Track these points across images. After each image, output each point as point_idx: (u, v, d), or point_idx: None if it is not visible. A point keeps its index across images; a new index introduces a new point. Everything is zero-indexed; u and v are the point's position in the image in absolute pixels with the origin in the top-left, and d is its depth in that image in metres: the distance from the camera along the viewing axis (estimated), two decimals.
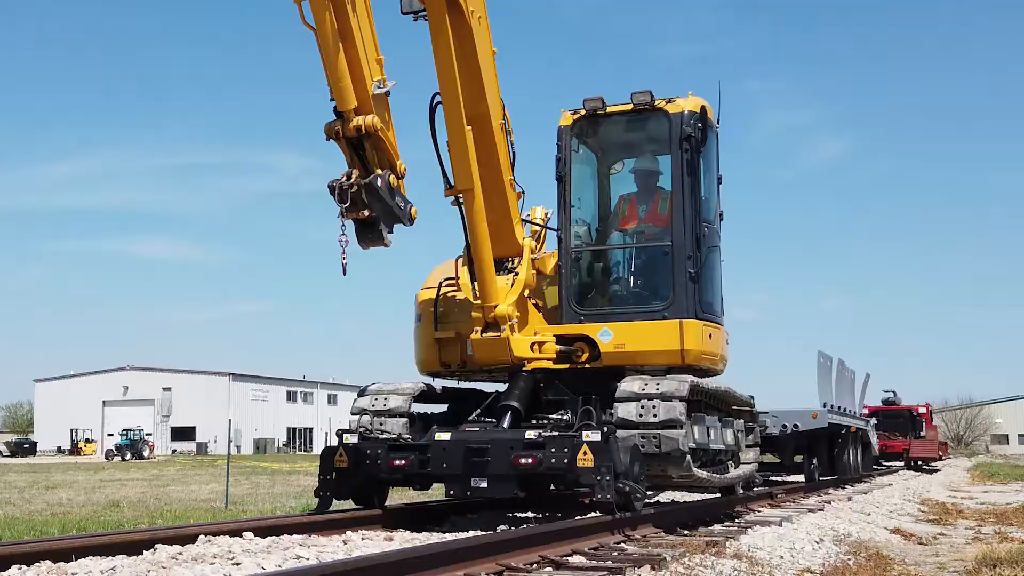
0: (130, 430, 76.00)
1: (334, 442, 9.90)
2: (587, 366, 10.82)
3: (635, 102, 11.06)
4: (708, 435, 10.78)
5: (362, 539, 8.26)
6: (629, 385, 10.03)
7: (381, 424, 10.56)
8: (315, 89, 10.32)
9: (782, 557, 8.45)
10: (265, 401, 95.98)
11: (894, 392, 39.86)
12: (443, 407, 11.62)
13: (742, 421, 12.33)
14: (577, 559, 7.28)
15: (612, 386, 10.17)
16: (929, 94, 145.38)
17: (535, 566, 6.87)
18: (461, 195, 9.95)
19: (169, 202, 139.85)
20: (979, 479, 30.71)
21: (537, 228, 12.04)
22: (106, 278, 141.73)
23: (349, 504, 10.03)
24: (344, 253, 8.36)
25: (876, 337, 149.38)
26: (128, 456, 67.49)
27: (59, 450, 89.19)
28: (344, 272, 8.33)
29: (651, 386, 9.92)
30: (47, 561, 6.29)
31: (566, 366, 10.85)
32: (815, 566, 8.18)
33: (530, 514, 11.31)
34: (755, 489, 13.90)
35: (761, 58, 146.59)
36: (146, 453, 70.37)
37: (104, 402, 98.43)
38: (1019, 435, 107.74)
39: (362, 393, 10.93)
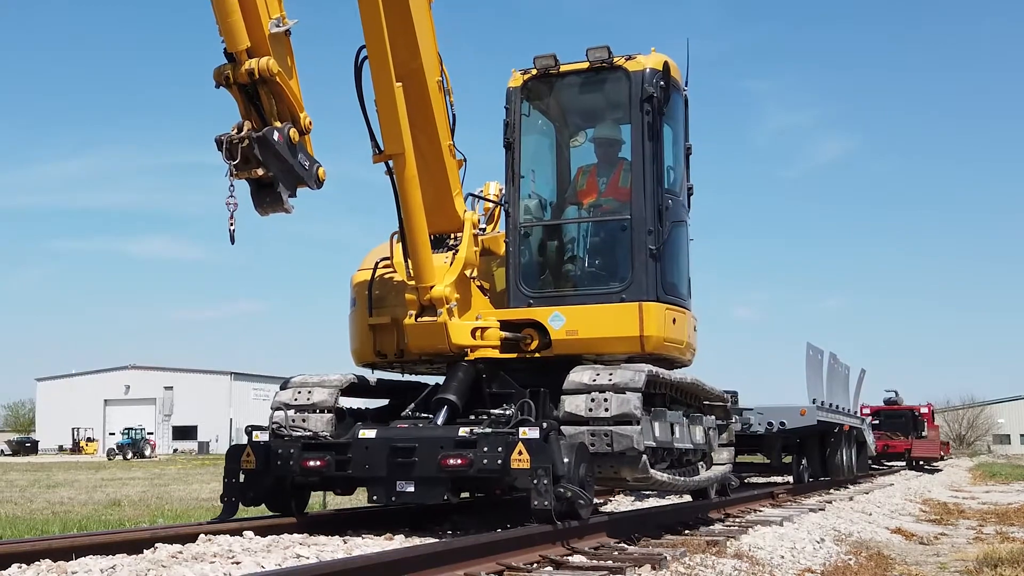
0: (131, 429, 75.87)
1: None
2: (537, 355, 9.63)
3: (591, 59, 9.87)
4: (672, 432, 9.60)
5: (362, 539, 7.95)
6: (578, 375, 8.86)
7: (304, 421, 9.37)
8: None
9: (783, 557, 8.37)
10: (266, 400, 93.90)
11: (896, 392, 39.52)
12: (383, 402, 10.41)
13: (713, 418, 11.12)
14: (577, 558, 7.25)
15: (564, 378, 8.99)
16: (933, 93, 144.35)
17: (535, 566, 6.84)
18: (391, 161, 8.79)
19: (170, 202, 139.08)
20: (981, 479, 30.57)
21: (490, 204, 10.90)
22: (108, 277, 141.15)
23: (347, 503, 8.85)
24: (232, 218, 7.16)
25: (878, 337, 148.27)
26: (129, 455, 67.67)
27: (61, 449, 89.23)
28: (232, 240, 7.13)
29: (603, 376, 8.74)
30: (47, 560, 6.31)
31: (513, 355, 9.68)
32: (816, 566, 8.08)
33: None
34: (732, 493, 12.67)
35: (763, 57, 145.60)
36: (147, 452, 70.65)
37: (106, 401, 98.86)
38: (1021, 435, 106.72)
39: (284, 386, 9.73)
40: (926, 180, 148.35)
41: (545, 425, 7.83)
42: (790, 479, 19.07)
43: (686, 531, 9.48)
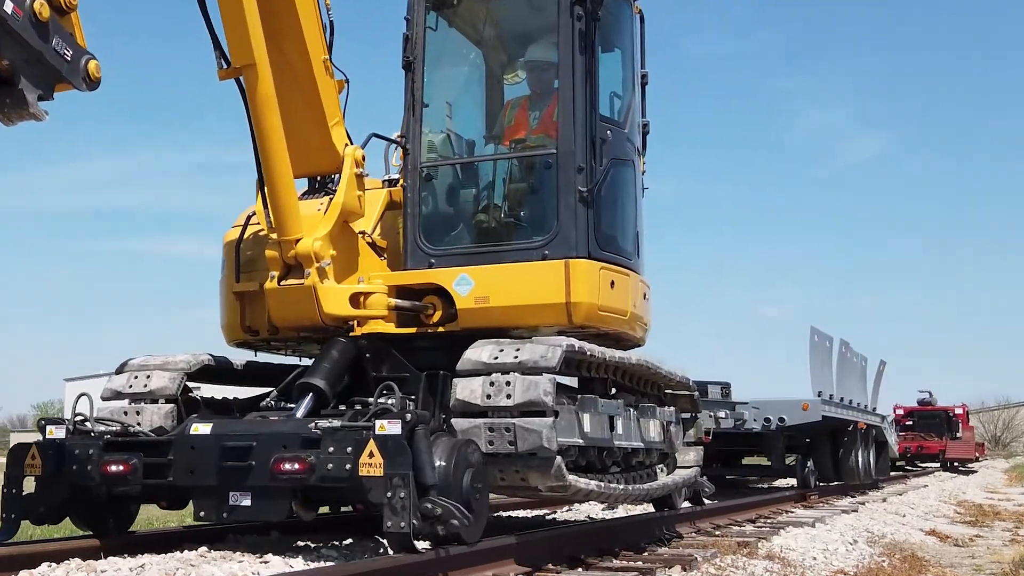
0: None
1: None
2: (441, 329, 7.57)
3: None
4: (611, 427, 7.51)
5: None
6: (476, 352, 6.79)
7: (138, 413, 7.34)
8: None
9: (815, 558, 8.26)
10: None
11: (930, 392, 38.90)
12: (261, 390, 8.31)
13: (673, 410, 8.96)
14: (607, 559, 7.09)
15: None
16: (969, 90, 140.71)
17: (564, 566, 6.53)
18: (241, 76, 6.78)
19: (198, 201, 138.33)
20: (1016, 480, 29.94)
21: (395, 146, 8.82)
22: (135, 277, 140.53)
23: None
24: None
25: (912, 337, 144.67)
26: None
27: None
28: None
29: (507, 353, 6.67)
30: (76, 559, 6.07)
31: (412, 330, 7.62)
32: (849, 567, 7.97)
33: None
34: (707, 501, 10.49)
35: (795, 55, 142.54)
36: None
37: None
38: None
39: (120, 370, 7.70)
40: (961, 178, 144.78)
41: (409, 417, 5.76)
42: (794, 483, 16.88)
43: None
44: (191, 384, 7.72)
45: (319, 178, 7.87)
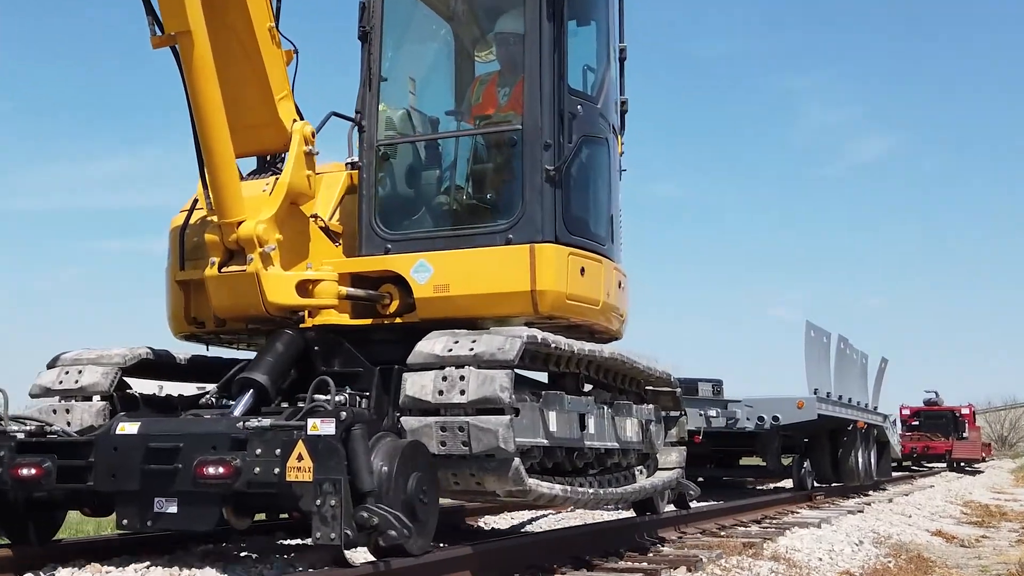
0: None
1: None
2: (398, 320, 6.98)
3: None
4: (582, 427, 6.93)
5: None
6: (428, 344, 6.21)
7: (68, 412, 6.77)
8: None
9: (820, 559, 8.23)
10: None
11: (936, 392, 38.67)
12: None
13: (652, 408, 8.36)
14: (612, 560, 7.05)
15: None
16: (977, 89, 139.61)
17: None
18: (177, 44, 6.20)
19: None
20: (1023, 481, 29.61)
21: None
22: (147, 277, 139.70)
23: None
24: None
25: (919, 337, 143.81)
26: None
27: None
28: None
29: (463, 345, 6.09)
30: (83, 560, 6.02)
31: (368, 321, 7.04)
32: (855, 568, 7.95)
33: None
34: (692, 504, 9.89)
35: (803, 54, 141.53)
36: None
37: None
38: None
39: (52, 364, 7.12)
40: (969, 179, 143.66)
41: (344, 415, 5.17)
42: (790, 484, 16.26)
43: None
44: (132, 380, 7.16)
45: (268, 157, 7.29)
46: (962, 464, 36.00)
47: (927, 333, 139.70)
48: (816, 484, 16.32)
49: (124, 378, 7.05)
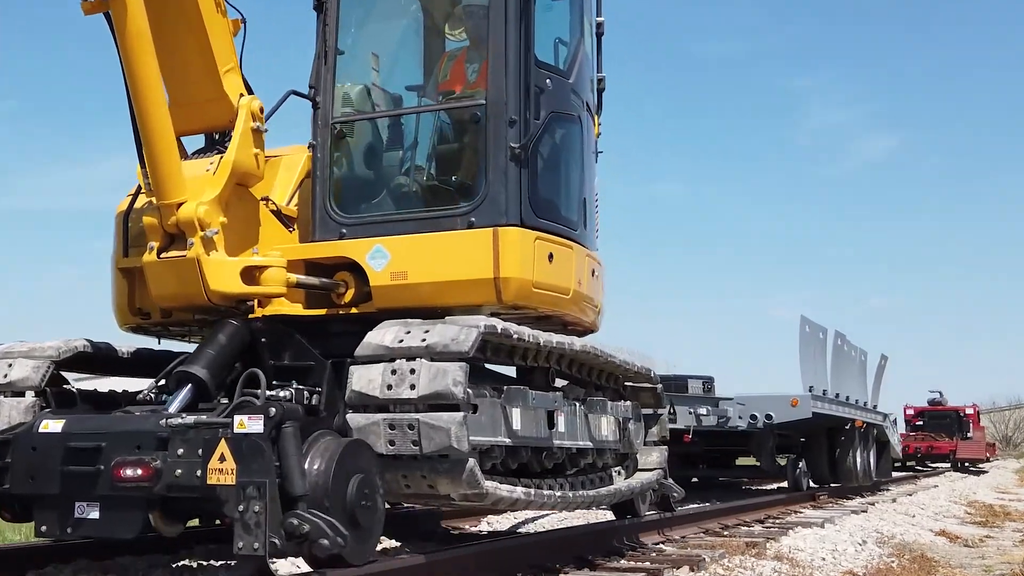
0: None
1: None
2: (354, 311, 6.50)
3: None
4: (551, 424, 6.44)
5: None
6: (379, 335, 5.73)
7: None
8: None
9: (823, 559, 8.19)
10: None
11: (940, 392, 38.65)
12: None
13: (629, 404, 7.84)
14: (614, 560, 7.06)
15: None
16: (980, 90, 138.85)
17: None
18: (110, 10, 5.73)
19: None
20: None
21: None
22: None
23: None
24: None
25: (923, 337, 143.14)
26: None
27: None
28: None
29: (415, 336, 5.60)
30: (85, 559, 6.06)
31: (322, 312, 6.56)
32: (858, 568, 7.88)
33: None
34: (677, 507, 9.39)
35: (807, 54, 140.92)
36: None
37: None
38: None
39: None
40: (973, 179, 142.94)
41: (274, 412, 4.69)
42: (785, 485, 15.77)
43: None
44: (69, 375, 6.68)
45: (216, 136, 6.80)
46: (966, 464, 35.74)
47: (931, 333, 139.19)
48: (813, 485, 15.81)
49: (63, 373, 6.58)
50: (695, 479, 17.30)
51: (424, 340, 5.51)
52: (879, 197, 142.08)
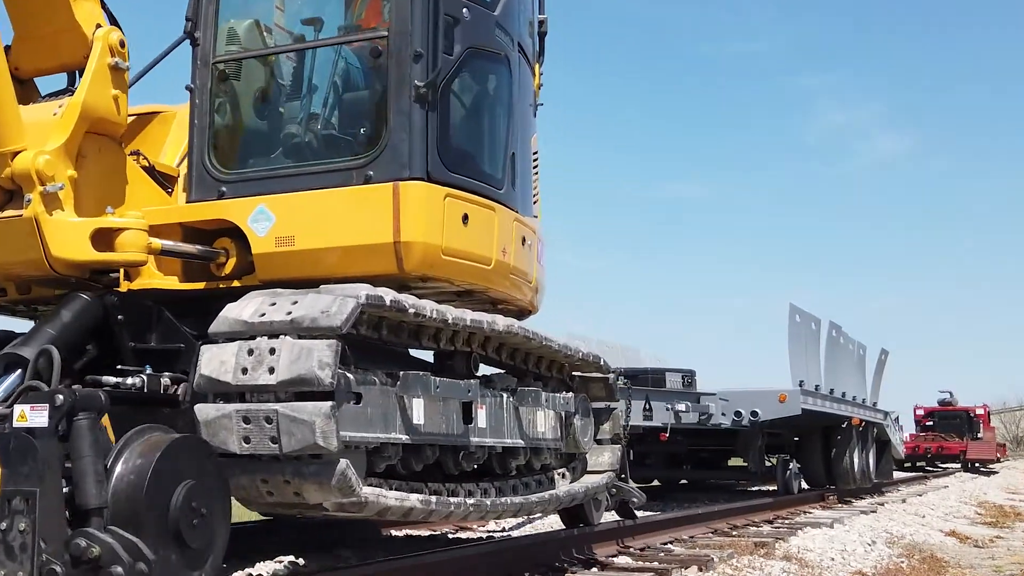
0: None
1: None
2: (236, 284, 5.47)
3: None
4: (468, 419, 5.38)
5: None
6: (238, 308, 4.71)
7: None
8: None
9: (833, 559, 8.16)
10: None
11: (950, 392, 38.06)
12: None
13: (573, 397, 6.74)
14: (623, 559, 7.12)
15: None
16: (991, 90, 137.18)
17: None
18: None
19: None
20: None
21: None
22: None
23: None
24: None
25: (933, 336, 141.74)
26: None
27: None
28: None
29: (280, 308, 4.58)
30: None
31: (199, 285, 5.53)
32: (867, 568, 7.81)
33: None
34: (639, 514, 8.32)
35: (818, 54, 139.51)
36: None
37: None
38: None
39: None
40: (984, 178, 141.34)
41: (61, 400, 3.65)
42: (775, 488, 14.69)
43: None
44: None
45: (77, 74, 5.77)
46: (976, 465, 35.05)
47: (942, 333, 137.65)
48: (805, 487, 14.72)
49: None
50: (683, 480, 16.29)
51: (290, 313, 4.48)
52: (890, 197, 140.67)
